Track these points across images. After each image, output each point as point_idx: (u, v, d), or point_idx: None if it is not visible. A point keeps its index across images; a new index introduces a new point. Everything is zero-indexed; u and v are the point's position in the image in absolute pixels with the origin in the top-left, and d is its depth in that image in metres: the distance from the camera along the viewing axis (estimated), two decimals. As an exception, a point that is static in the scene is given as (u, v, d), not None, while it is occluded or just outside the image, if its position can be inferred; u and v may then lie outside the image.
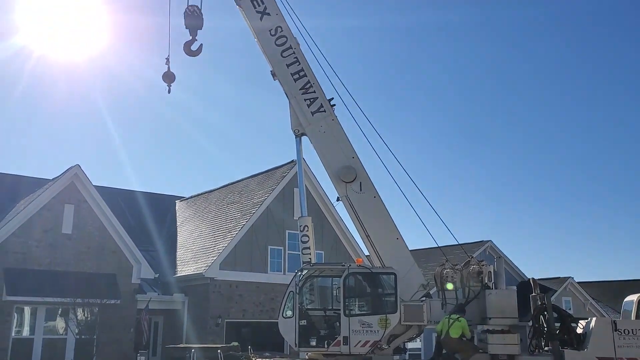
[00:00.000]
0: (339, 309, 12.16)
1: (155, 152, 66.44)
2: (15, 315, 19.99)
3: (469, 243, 28.62)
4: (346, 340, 11.85)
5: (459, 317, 11.52)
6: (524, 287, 12.75)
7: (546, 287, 13.09)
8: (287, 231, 24.17)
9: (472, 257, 12.91)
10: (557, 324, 11.69)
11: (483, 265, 12.29)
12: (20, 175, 25.70)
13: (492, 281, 12.44)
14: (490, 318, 11.80)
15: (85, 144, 61.73)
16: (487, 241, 30.62)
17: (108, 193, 24.32)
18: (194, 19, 14.76)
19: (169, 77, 15.00)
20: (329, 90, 14.10)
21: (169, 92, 15.11)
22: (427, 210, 13.65)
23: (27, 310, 20.29)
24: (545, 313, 11.73)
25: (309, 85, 13.97)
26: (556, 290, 27.34)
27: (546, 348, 11.62)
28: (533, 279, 12.92)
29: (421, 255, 24.89)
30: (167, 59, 15.07)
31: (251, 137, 71.70)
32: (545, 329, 11.66)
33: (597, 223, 69.64)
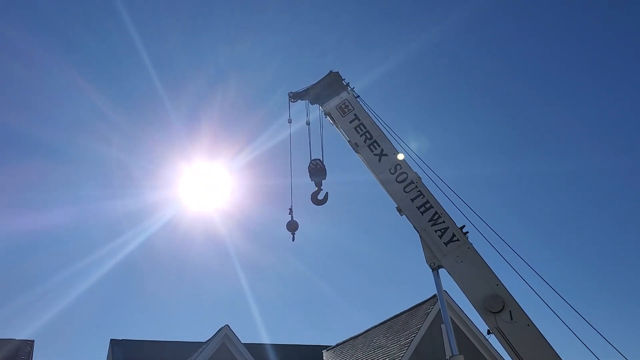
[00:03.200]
0: None
1: (289, 304, 67.35)
2: None
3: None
4: None
5: None
6: None
7: None
8: (441, 372, 22.65)
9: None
10: None
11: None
12: (175, 341, 26.92)
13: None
14: None
15: (226, 303, 64.17)
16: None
17: (255, 349, 24.57)
18: (317, 171, 15.61)
19: (292, 226, 15.63)
20: (459, 219, 13.79)
21: (293, 240, 15.67)
22: (588, 331, 12.22)
23: None
24: None
25: (437, 216, 13.75)
26: None
27: None
28: None
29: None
30: (290, 209, 15.85)
31: (383, 284, 70.72)
32: None
33: None
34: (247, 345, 23.24)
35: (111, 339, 26.46)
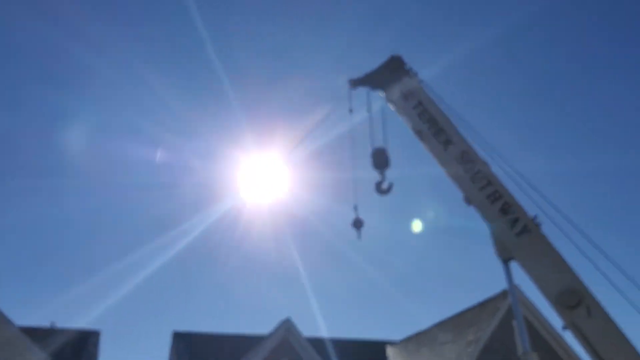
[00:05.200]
0: None
1: (350, 298, 66.89)
2: None
3: None
4: None
5: None
6: None
7: None
8: (511, 370, 21.76)
9: None
10: None
11: None
12: (237, 334, 27.06)
13: None
14: None
15: (287, 295, 64.37)
16: None
17: (317, 344, 24.38)
18: (381, 160, 15.18)
19: (358, 224, 15.25)
20: (531, 208, 13.07)
21: (359, 237, 15.25)
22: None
23: None
24: None
25: (507, 206, 13.08)
26: None
27: None
28: None
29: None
30: (355, 206, 15.44)
31: (451, 279, 69.25)
32: None
33: None
34: (308, 339, 23.09)
35: (174, 332, 26.88)
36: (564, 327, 12.07)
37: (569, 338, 15.68)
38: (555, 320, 14.84)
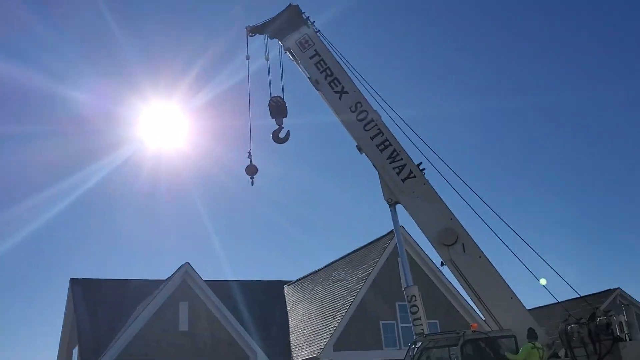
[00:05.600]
0: (462, 380, 11.51)
1: (252, 242, 68.09)
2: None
3: (593, 294, 26.53)
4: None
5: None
6: None
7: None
8: (397, 303, 23.57)
9: (597, 308, 11.93)
10: None
11: (611, 315, 11.30)
12: (136, 279, 27.05)
13: (625, 332, 11.37)
14: (630, 374, 10.71)
15: (188, 241, 64.44)
16: (615, 289, 28.19)
17: (217, 286, 24.98)
18: (278, 109, 15.48)
19: (251, 170, 15.65)
20: (415, 156, 14.09)
21: (252, 184, 15.72)
22: (539, 263, 12.90)
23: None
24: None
25: (395, 153, 14.00)
26: None
27: None
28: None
29: (542, 314, 23.30)
30: (249, 153, 15.79)
31: (343, 220, 71.92)
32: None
33: None
34: (208, 282, 23.59)
35: (71, 278, 26.43)
36: (442, 263, 13.41)
37: (447, 273, 17.37)
38: (435, 257, 16.21)
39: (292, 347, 25.05)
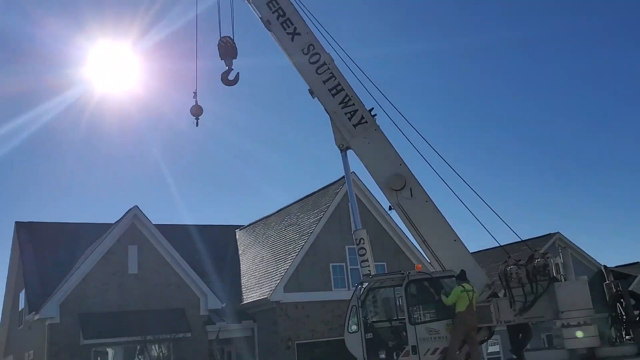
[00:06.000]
0: (404, 319, 11.96)
1: (207, 187, 67.83)
2: (99, 358, 20.61)
3: (534, 238, 27.64)
4: (415, 349, 11.62)
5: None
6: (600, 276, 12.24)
7: (623, 274, 12.51)
8: (346, 247, 24.04)
9: (536, 250, 12.46)
10: (637, 311, 11.12)
11: (548, 257, 11.83)
12: (83, 222, 26.68)
13: (561, 273, 11.97)
14: (563, 312, 11.31)
15: (139, 185, 63.63)
16: (555, 233, 29.43)
17: (168, 230, 24.87)
18: (227, 50, 15.07)
19: (196, 111, 15.31)
20: (368, 101, 14.08)
21: (197, 125, 15.36)
22: (484, 209, 13.29)
23: (105, 352, 20.91)
24: (622, 300, 11.18)
25: (347, 98, 13.95)
26: (636, 277, 26.00)
27: (627, 337, 11.04)
28: (605, 266, 12.37)
29: (485, 256, 24.22)
30: (195, 93, 15.39)
31: (296, 165, 72.20)
32: (624, 317, 11.09)
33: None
34: (158, 226, 23.42)
35: (16, 222, 25.81)
36: (390, 208, 13.69)
37: (395, 217, 17.72)
38: (384, 201, 16.48)
39: (243, 289, 25.39)
